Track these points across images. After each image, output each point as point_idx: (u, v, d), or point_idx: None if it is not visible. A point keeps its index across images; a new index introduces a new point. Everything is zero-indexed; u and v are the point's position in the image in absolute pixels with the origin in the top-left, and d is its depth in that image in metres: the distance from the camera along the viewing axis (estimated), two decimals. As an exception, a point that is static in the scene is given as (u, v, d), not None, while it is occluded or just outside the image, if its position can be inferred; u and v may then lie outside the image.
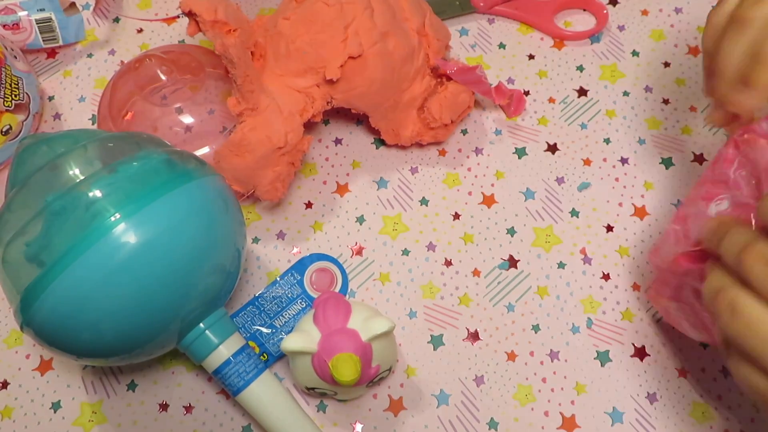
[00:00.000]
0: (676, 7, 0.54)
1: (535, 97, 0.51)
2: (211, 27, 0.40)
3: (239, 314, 0.43)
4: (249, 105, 0.41)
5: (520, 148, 0.49)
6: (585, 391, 0.41)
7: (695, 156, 0.48)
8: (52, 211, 0.33)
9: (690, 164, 0.47)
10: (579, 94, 0.51)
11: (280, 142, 0.41)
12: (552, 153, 0.48)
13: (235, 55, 0.39)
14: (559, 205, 0.47)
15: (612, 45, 0.53)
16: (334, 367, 0.35)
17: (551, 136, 0.49)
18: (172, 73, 0.49)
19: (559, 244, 0.45)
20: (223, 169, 0.42)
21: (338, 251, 0.46)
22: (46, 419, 0.42)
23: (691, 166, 0.47)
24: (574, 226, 0.46)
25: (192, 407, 0.42)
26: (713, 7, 0.36)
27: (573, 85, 0.51)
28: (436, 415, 0.41)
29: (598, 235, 0.45)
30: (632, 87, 0.51)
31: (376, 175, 0.48)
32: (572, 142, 0.49)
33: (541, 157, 0.48)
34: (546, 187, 0.47)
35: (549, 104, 0.50)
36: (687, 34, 0.53)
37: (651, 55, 0.52)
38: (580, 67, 0.52)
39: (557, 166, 0.48)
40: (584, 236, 0.45)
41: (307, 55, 0.42)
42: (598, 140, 0.49)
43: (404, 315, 0.44)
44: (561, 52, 0.52)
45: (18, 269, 0.34)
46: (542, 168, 0.48)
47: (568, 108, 0.50)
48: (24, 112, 0.49)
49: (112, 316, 0.33)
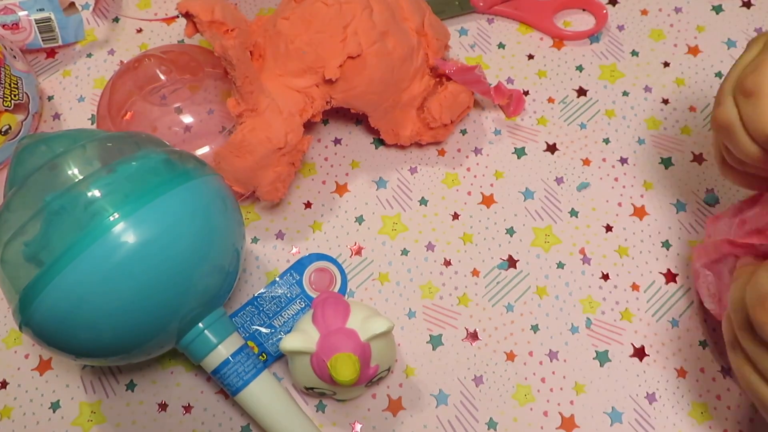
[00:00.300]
0: (675, 6, 0.54)
1: (534, 97, 0.51)
2: (209, 27, 0.40)
3: (238, 314, 0.43)
4: (248, 106, 0.41)
5: (520, 148, 0.49)
6: (584, 391, 0.41)
7: (695, 156, 0.48)
8: (51, 210, 0.33)
9: (689, 164, 0.47)
10: (578, 93, 0.51)
11: (280, 142, 0.41)
12: (551, 153, 0.48)
13: (234, 57, 0.39)
14: (558, 205, 0.47)
15: (611, 45, 0.53)
16: (333, 367, 0.35)
17: (550, 136, 0.49)
18: (171, 73, 0.49)
19: (559, 244, 0.45)
20: (224, 170, 0.42)
21: (337, 251, 0.46)
22: (45, 419, 0.42)
23: (691, 166, 0.47)
24: (573, 226, 0.46)
25: (191, 407, 0.42)
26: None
27: (572, 84, 0.51)
28: (435, 415, 0.41)
29: (597, 235, 0.45)
30: (632, 87, 0.51)
31: (376, 175, 0.48)
32: (571, 142, 0.49)
33: (540, 157, 0.48)
34: (545, 187, 0.47)
35: (548, 104, 0.50)
36: (687, 33, 0.53)
37: (651, 54, 0.52)
38: (579, 66, 0.52)
39: (556, 166, 0.48)
40: (583, 236, 0.45)
41: (306, 55, 0.42)
42: (597, 140, 0.49)
43: (403, 315, 0.44)
44: (560, 52, 0.52)
45: (17, 269, 0.34)
46: (541, 168, 0.48)
47: (567, 108, 0.50)
48: (23, 111, 0.49)
49: (110, 315, 0.33)
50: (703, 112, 0.49)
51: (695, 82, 0.50)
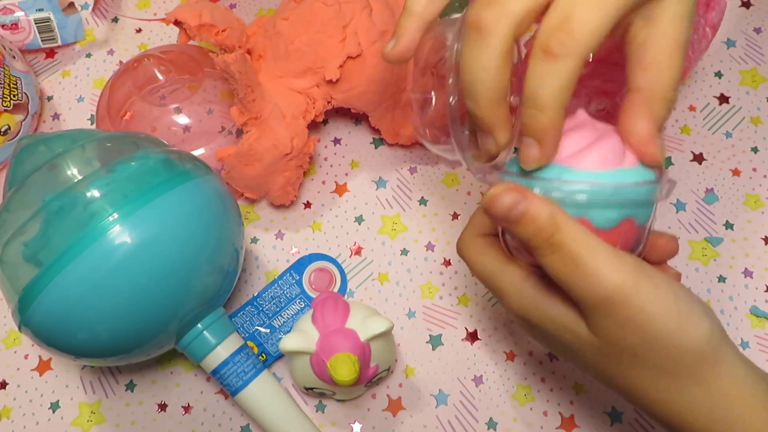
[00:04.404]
0: (675, 6, 0.54)
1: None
2: (198, 32, 0.41)
3: (238, 314, 0.43)
4: (252, 114, 0.41)
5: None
6: (584, 391, 0.41)
7: (694, 155, 0.48)
8: (50, 210, 0.33)
9: (689, 164, 0.47)
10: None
11: (286, 148, 0.42)
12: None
13: (236, 71, 0.39)
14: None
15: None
16: (333, 367, 0.35)
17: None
18: (171, 73, 0.49)
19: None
20: (234, 178, 0.43)
21: (337, 251, 0.46)
22: (45, 419, 0.42)
23: (690, 165, 0.47)
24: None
25: (190, 407, 0.42)
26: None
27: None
28: (435, 415, 0.41)
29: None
30: (631, 86, 0.51)
31: (375, 174, 0.48)
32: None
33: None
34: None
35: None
36: (686, 33, 0.53)
37: (650, 54, 0.52)
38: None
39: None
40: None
41: (306, 55, 0.42)
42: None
43: (403, 315, 0.44)
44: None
45: (16, 269, 0.34)
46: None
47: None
48: (22, 112, 0.49)
49: (110, 315, 0.33)
50: (702, 112, 0.49)
51: (695, 82, 0.50)
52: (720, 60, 0.51)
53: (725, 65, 0.51)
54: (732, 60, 0.51)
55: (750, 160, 0.47)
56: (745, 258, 0.44)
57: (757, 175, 0.46)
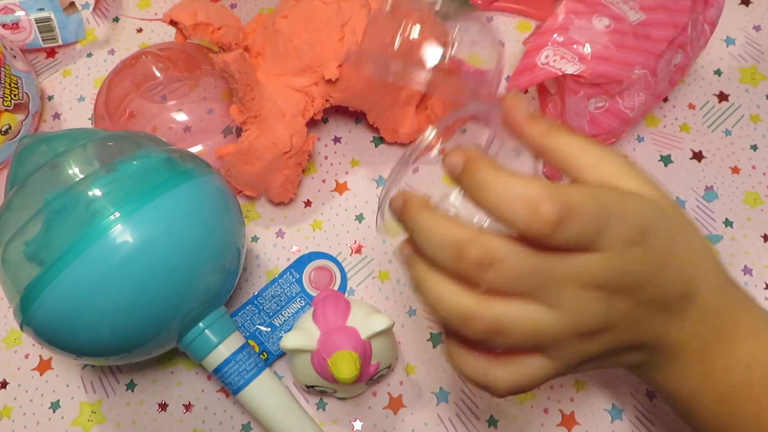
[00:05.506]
0: (674, 4, 0.54)
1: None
2: (194, 31, 0.41)
3: (239, 313, 0.43)
4: (251, 113, 0.41)
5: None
6: (584, 389, 0.41)
7: (694, 153, 0.48)
8: (52, 210, 0.33)
9: (689, 162, 0.47)
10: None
11: (285, 146, 0.42)
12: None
13: (236, 71, 0.39)
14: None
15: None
16: (334, 365, 0.35)
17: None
18: (168, 70, 0.49)
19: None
20: (234, 176, 0.43)
21: (337, 249, 0.46)
22: (45, 419, 0.42)
23: (690, 163, 0.47)
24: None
25: (192, 406, 0.42)
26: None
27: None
28: (436, 413, 0.41)
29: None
30: (631, 85, 0.51)
31: (375, 173, 0.48)
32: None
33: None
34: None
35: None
36: (685, 31, 0.53)
37: (649, 52, 0.52)
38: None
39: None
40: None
41: (305, 53, 0.42)
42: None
43: (403, 313, 0.44)
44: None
45: (18, 268, 0.34)
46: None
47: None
48: (23, 111, 0.49)
49: (111, 314, 0.33)
50: (702, 110, 0.49)
51: (694, 80, 0.50)
52: (719, 58, 0.51)
53: (725, 63, 0.51)
54: (731, 58, 0.51)
55: (749, 157, 0.47)
56: (744, 255, 0.44)
57: (757, 173, 0.46)
